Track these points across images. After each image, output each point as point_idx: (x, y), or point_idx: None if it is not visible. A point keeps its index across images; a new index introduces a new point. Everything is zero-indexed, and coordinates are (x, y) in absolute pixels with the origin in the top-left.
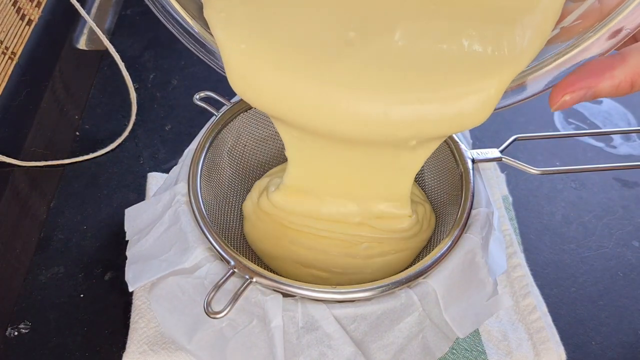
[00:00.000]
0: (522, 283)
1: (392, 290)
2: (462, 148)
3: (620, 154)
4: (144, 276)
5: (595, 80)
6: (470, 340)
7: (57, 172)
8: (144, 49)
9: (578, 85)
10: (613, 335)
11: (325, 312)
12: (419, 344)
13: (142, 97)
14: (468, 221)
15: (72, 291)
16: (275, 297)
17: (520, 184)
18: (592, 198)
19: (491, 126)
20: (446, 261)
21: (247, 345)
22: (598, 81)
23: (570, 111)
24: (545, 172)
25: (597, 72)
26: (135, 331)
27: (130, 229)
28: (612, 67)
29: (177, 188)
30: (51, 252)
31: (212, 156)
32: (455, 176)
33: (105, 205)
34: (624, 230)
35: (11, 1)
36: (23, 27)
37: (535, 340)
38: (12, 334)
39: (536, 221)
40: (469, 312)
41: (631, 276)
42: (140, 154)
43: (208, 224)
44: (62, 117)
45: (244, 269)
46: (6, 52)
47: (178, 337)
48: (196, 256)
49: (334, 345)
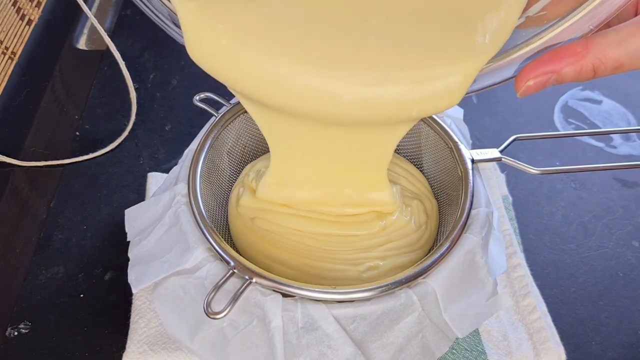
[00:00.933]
0: (522, 283)
1: (391, 290)
2: (462, 148)
3: (620, 154)
4: (147, 278)
5: (559, 66)
6: (470, 340)
7: (57, 172)
8: (144, 49)
9: (541, 70)
10: (613, 335)
11: (325, 312)
12: (418, 344)
13: (142, 97)
14: (468, 221)
15: (72, 291)
16: (275, 297)
17: (520, 184)
18: (592, 198)
19: (491, 126)
20: (446, 261)
21: (248, 345)
22: (561, 67)
23: (570, 111)
24: (545, 172)
25: (560, 57)
26: (135, 331)
27: (131, 230)
28: (575, 53)
29: (177, 188)
30: (51, 252)
31: (212, 157)
32: (454, 176)
33: (105, 205)
34: (624, 230)
35: (11, 1)
36: (23, 27)
37: (535, 340)
38: (12, 334)
39: (536, 221)
40: (469, 312)
41: (631, 276)
42: (140, 154)
43: (208, 225)
44: (62, 117)
45: (244, 270)
46: (6, 52)
47: (181, 336)
48: (196, 257)
49: (333, 345)
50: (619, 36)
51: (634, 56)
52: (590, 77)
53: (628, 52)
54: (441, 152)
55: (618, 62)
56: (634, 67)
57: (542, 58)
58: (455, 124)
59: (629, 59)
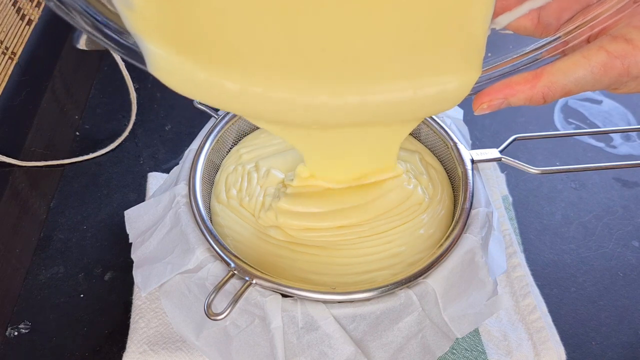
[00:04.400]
0: (522, 283)
1: (391, 291)
2: (461, 148)
3: (620, 154)
4: (153, 280)
5: (511, 92)
6: (470, 340)
7: (57, 172)
8: None
9: (494, 96)
10: (613, 335)
11: (325, 312)
12: (418, 343)
13: (142, 97)
14: (467, 221)
15: (72, 291)
16: (275, 297)
17: (520, 184)
18: (592, 198)
19: (491, 126)
20: (445, 261)
21: (250, 344)
22: (512, 93)
23: (570, 111)
24: (545, 172)
25: (513, 85)
26: (135, 331)
27: (133, 232)
28: (526, 82)
29: (177, 189)
30: (51, 252)
31: (212, 157)
32: (454, 176)
33: (105, 205)
34: (624, 230)
35: (11, 1)
36: (23, 27)
37: (535, 340)
38: (12, 334)
39: (536, 221)
40: (468, 312)
41: (631, 276)
42: (140, 154)
43: (208, 226)
44: (62, 117)
45: (244, 271)
46: (6, 52)
47: (187, 333)
48: (197, 257)
49: (334, 344)
50: (565, 65)
51: (579, 84)
52: (540, 103)
53: (573, 81)
54: (441, 152)
55: (565, 89)
56: (581, 91)
57: (497, 85)
58: (455, 124)
59: (574, 86)
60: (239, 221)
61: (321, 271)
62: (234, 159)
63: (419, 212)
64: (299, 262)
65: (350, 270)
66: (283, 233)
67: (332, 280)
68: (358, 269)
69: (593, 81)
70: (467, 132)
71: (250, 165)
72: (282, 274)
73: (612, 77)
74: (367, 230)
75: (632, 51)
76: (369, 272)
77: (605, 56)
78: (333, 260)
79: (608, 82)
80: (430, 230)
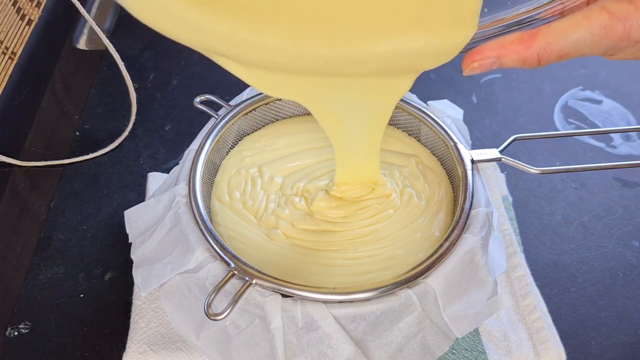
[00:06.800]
0: (522, 283)
1: (391, 291)
2: (461, 148)
3: (620, 154)
4: (153, 280)
5: (504, 52)
6: (470, 340)
7: (57, 172)
8: (144, 49)
9: (487, 54)
10: (613, 335)
11: (325, 312)
12: (418, 343)
13: (142, 97)
14: (467, 221)
15: (72, 291)
16: (275, 297)
17: (520, 184)
18: (592, 198)
19: (491, 126)
20: (445, 261)
21: (250, 344)
22: (506, 53)
23: (570, 111)
24: (545, 172)
25: (507, 44)
26: (135, 331)
27: (133, 232)
28: (521, 42)
29: (177, 189)
30: (51, 252)
31: (212, 157)
32: (454, 176)
33: (105, 205)
34: (624, 230)
35: (11, 1)
36: (23, 27)
37: (535, 340)
38: (12, 334)
39: (536, 221)
40: (468, 312)
41: (631, 276)
42: (140, 154)
43: (208, 226)
44: (62, 117)
45: (244, 271)
46: (6, 52)
47: (187, 333)
48: (197, 257)
49: (334, 344)
50: (564, 26)
51: (577, 46)
52: (534, 65)
53: (571, 42)
54: (441, 152)
55: (562, 51)
56: (578, 55)
57: (490, 44)
58: (455, 124)
59: (572, 48)
60: (240, 222)
61: (321, 272)
62: (236, 162)
63: (417, 215)
64: (299, 262)
65: (350, 271)
66: (283, 234)
67: (332, 280)
68: (358, 270)
69: (592, 44)
70: (467, 132)
71: (253, 170)
72: (282, 274)
73: (611, 41)
74: (364, 233)
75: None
76: (369, 273)
77: (607, 17)
78: (333, 262)
79: (607, 45)
80: (429, 231)
